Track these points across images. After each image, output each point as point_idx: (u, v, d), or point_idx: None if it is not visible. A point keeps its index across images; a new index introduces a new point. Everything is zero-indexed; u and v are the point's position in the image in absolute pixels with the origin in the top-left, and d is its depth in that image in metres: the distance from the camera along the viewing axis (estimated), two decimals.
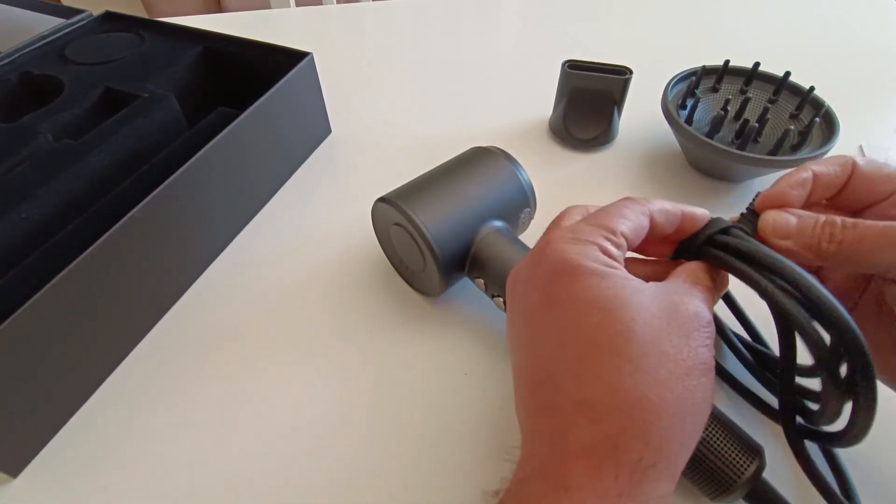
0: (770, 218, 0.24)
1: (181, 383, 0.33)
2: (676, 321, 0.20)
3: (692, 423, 0.20)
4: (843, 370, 0.21)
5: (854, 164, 0.25)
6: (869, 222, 0.21)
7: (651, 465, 0.18)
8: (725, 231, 0.24)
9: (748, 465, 0.25)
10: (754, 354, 0.32)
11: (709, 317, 0.21)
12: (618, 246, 0.22)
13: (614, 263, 0.22)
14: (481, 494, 0.22)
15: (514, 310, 0.24)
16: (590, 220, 0.23)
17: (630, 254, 0.24)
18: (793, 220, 0.23)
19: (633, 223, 0.23)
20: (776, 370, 0.30)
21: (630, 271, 0.22)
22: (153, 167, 0.35)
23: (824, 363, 0.20)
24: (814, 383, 0.24)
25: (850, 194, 0.26)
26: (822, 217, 0.23)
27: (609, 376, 0.19)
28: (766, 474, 0.26)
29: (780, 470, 0.27)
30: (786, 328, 0.23)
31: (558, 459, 0.19)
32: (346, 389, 0.32)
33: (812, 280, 0.21)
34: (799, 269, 0.21)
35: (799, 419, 0.26)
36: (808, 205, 0.25)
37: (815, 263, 0.23)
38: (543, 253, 0.23)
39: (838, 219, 0.22)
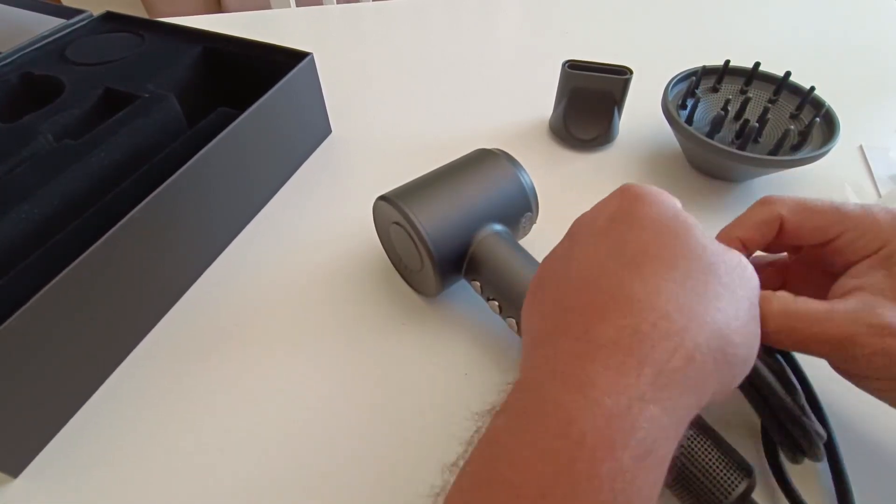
0: None
1: (181, 383, 0.33)
2: (727, 256, 0.21)
3: (733, 346, 0.19)
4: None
5: (782, 220, 0.26)
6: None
7: (679, 370, 0.17)
8: None
9: (737, 485, 0.24)
10: None
11: (752, 269, 0.22)
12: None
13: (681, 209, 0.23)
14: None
15: (573, 231, 0.24)
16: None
17: None
18: None
19: None
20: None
21: None
22: (153, 167, 0.35)
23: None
24: None
25: (785, 243, 0.27)
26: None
27: (653, 279, 0.19)
28: (756, 496, 0.25)
29: (773, 491, 0.27)
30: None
31: (578, 355, 0.18)
32: (346, 388, 0.32)
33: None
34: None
35: None
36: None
37: None
38: (620, 189, 0.24)
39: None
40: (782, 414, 0.24)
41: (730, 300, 0.20)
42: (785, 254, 0.30)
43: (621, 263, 0.20)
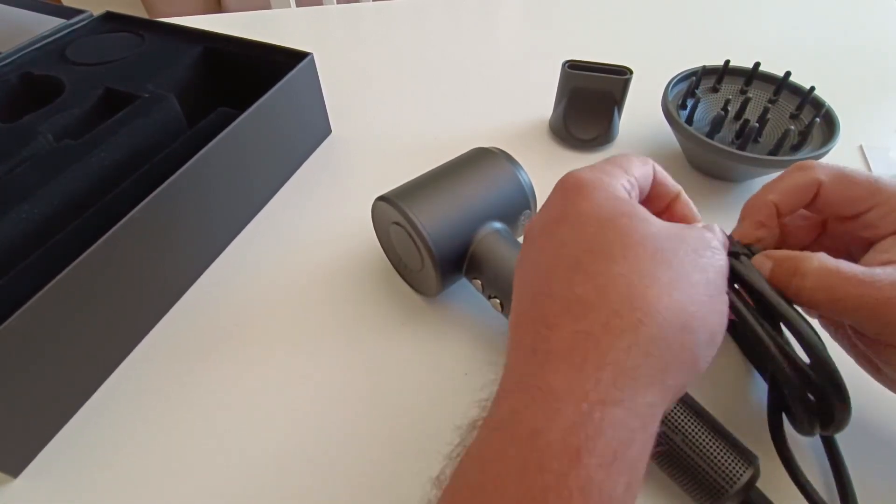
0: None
1: (181, 383, 0.33)
2: (679, 237, 0.20)
3: (691, 333, 0.18)
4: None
5: (820, 186, 0.25)
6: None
7: (637, 367, 0.17)
8: (735, 255, 0.24)
9: (741, 474, 0.24)
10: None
11: (717, 243, 0.21)
12: (630, 184, 0.23)
13: (625, 194, 0.23)
14: None
15: (526, 236, 0.24)
16: (604, 161, 0.24)
17: None
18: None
19: (641, 169, 0.25)
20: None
21: None
22: (153, 167, 0.35)
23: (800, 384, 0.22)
24: None
25: (817, 211, 0.26)
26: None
27: (600, 278, 0.19)
28: (761, 485, 0.25)
29: (777, 481, 0.27)
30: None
31: (539, 364, 0.18)
32: (346, 388, 0.32)
33: (805, 325, 0.22)
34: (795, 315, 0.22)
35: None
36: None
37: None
38: (560, 182, 0.23)
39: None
40: (819, 369, 0.22)
41: (683, 285, 0.19)
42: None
43: (568, 265, 0.20)
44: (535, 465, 0.16)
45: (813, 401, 0.22)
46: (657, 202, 0.26)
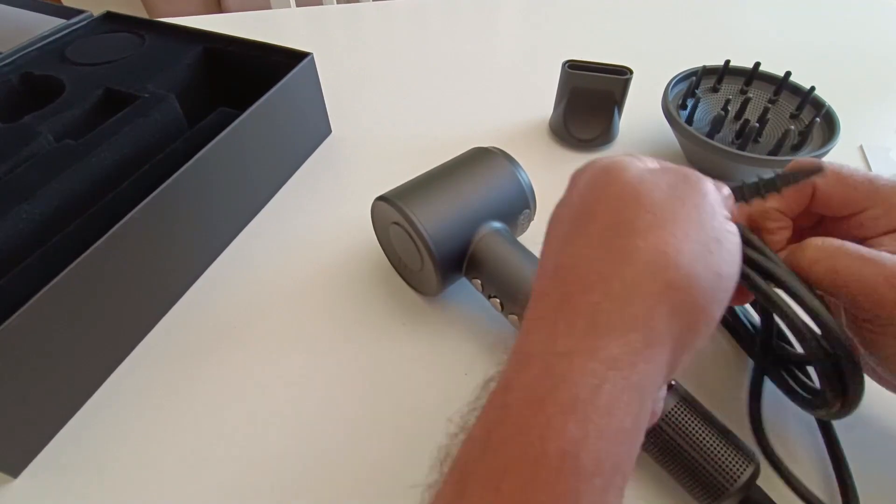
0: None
1: (181, 383, 0.33)
2: (665, 179, 0.20)
3: (680, 278, 0.18)
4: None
5: (815, 188, 0.25)
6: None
7: (607, 318, 0.17)
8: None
9: (742, 472, 0.24)
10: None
11: (704, 178, 0.21)
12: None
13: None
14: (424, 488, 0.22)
15: (559, 203, 0.24)
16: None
17: None
18: None
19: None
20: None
21: None
22: (153, 167, 0.35)
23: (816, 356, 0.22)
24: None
25: (813, 211, 0.26)
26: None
27: (582, 240, 0.20)
28: (761, 482, 0.25)
29: (777, 478, 0.27)
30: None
31: (522, 331, 0.19)
32: (346, 388, 0.32)
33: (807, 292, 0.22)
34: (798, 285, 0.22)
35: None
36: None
37: None
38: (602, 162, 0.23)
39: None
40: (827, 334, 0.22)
41: (669, 227, 0.19)
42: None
43: (558, 241, 0.21)
44: (500, 417, 0.17)
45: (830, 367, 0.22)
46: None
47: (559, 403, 0.16)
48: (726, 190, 0.23)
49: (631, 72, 0.46)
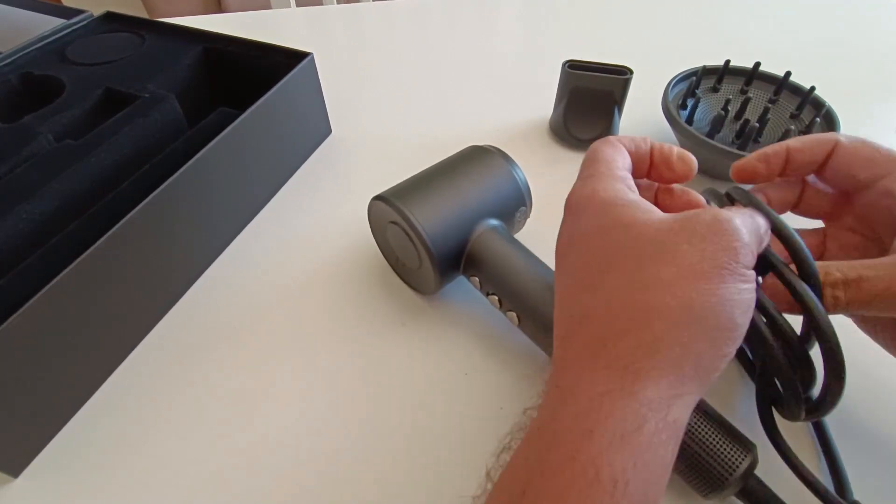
0: None
1: (182, 383, 0.33)
2: (684, 228, 0.20)
3: (702, 329, 0.19)
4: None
5: (837, 144, 0.26)
6: (872, 277, 0.21)
7: (642, 364, 0.19)
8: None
9: (740, 462, 0.25)
10: None
11: (734, 223, 0.20)
12: (623, 174, 0.25)
13: (622, 191, 0.23)
14: (471, 500, 0.22)
15: (562, 236, 0.25)
16: (592, 161, 0.26)
17: None
18: None
19: (626, 159, 0.27)
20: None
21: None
22: (153, 167, 0.35)
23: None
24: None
25: (833, 175, 0.27)
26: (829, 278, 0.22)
27: (601, 291, 0.21)
28: (759, 472, 0.25)
29: (774, 467, 0.27)
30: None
31: (560, 368, 0.21)
32: (345, 388, 0.32)
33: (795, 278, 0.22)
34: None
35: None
36: (785, 177, 0.28)
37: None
38: (565, 203, 0.25)
39: (840, 280, 0.22)
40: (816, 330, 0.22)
41: (687, 279, 0.19)
42: (820, 222, 0.30)
43: (580, 285, 0.22)
44: (551, 444, 0.19)
45: (801, 390, 0.23)
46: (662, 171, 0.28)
47: (607, 436, 0.18)
48: (762, 222, 0.22)
49: (631, 72, 0.46)
